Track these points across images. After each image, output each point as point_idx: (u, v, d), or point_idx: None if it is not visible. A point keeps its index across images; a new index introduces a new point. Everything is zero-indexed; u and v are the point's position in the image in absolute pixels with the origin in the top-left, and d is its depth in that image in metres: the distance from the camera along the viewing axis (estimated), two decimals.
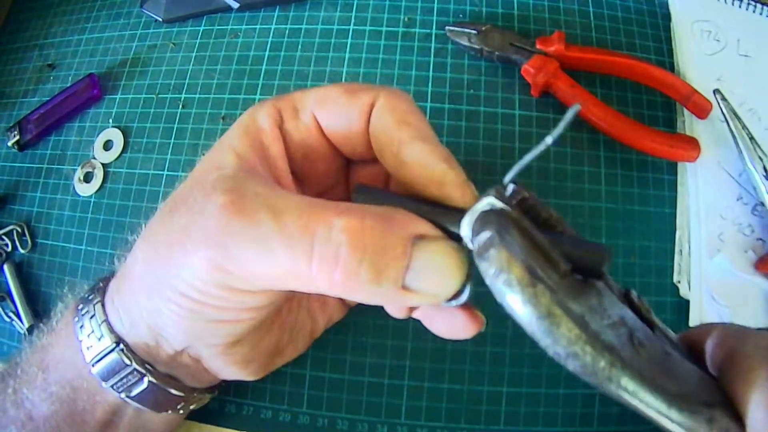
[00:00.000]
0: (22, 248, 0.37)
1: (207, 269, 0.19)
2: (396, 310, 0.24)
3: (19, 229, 0.37)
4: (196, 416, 0.31)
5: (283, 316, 0.26)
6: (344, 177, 0.25)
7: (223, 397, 0.31)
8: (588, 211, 0.32)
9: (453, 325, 0.22)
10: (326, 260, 0.17)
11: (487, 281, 0.16)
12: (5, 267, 0.36)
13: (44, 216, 0.37)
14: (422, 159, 0.20)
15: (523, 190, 0.18)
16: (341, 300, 0.28)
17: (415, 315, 0.24)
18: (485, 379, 0.30)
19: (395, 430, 0.30)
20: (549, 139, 0.17)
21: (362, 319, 0.31)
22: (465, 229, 0.18)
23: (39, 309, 0.35)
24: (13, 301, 0.35)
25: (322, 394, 0.30)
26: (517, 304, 0.16)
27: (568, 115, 0.16)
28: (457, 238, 0.18)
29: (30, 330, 0.35)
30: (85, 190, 0.36)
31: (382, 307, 0.31)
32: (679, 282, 0.31)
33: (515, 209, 0.17)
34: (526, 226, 0.17)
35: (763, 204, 0.32)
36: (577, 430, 0.29)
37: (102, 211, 0.36)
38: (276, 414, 0.30)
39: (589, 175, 0.33)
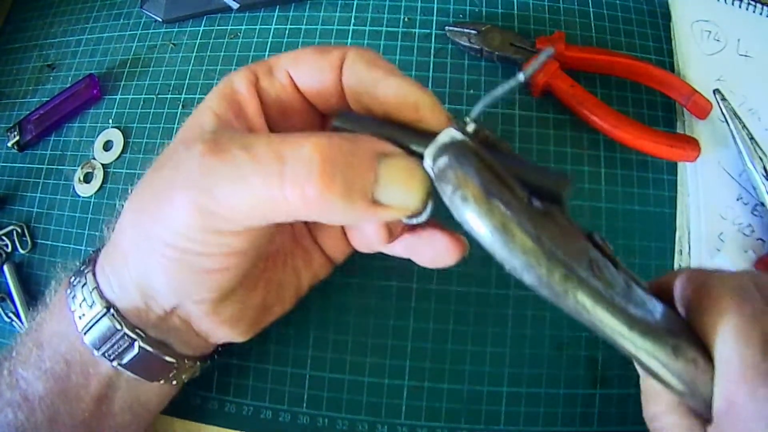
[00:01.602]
0: (22, 249, 0.37)
1: (191, 212, 0.20)
2: (376, 235, 0.24)
3: (19, 230, 0.37)
4: (197, 416, 0.31)
5: (268, 273, 0.26)
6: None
7: (223, 397, 0.31)
8: (588, 211, 0.32)
9: (436, 249, 0.24)
10: (298, 180, 0.18)
11: (446, 201, 0.17)
12: (5, 267, 0.36)
13: (44, 216, 0.37)
14: (397, 90, 0.21)
15: (484, 129, 0.19)
16: (325, 257, 0.28)
17: (397, 248, 0.25)
18: (485, 379, 0.30)
19: (395, 430, 0.30)
20: (521, 76, 0.18)
21: (362, 320, 0.31)
22: (428, 159, 0.19)
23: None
24: (13, 302, 0.35)
25: (322, 394, 0.30)
26: (473, 219, 0.16)
27: (542, 56, 0.17)
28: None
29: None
30: (85, 190, 0.36)
31: (381, 307, 0.31)
32: None
33: (474, 142, 0.18)
34: (483, 156, 0.18)
35: (763, 204, 0.32)
36: (577, 430, 0.29)
37: (102, 211, 0.36)
38: (276, 414, 0.30)
39: (589, 175, 0.33)
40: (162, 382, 0.25)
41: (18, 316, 0.35)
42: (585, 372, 0.30)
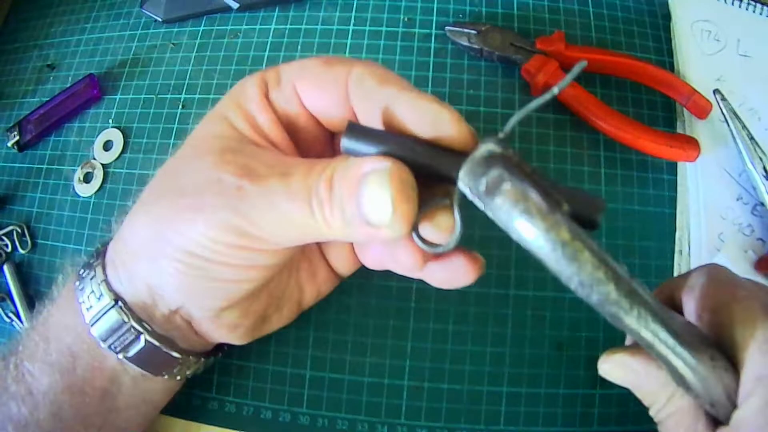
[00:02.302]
0: (22, 249, 0.37)
1: (223, 231, 0.20)
2: (409, 262, 0.23)
3: (19, 230, 0.37)
4: (197, 416, 0.31)
5: (272, 284, 0.26)
6: (329, 149, 0.26)
7: (223, 397, 0.31)
8: None
9: (453, 271, 0.23)
10: (321, 210, 0.20)
11: (501, 218, 0.17)
12: (5, 267, 0.36)
13: (44, 216, 0.37)
14: (415, 106, 0.20)
15: (510, 147, 0.19)
16: (331, 272, 0.29)
17: (420, 274, 0.25)
18: (485, 379, 0.30)
19: (395, 430, 0.30)
20: (555, 89, 0.18)
21: (362, 320, 0.31)
22: (466, 176, 0.18)
23: None
24: (13, 302, 0.35)
25: (322, 394, 0.30)
26: (537, 233, 0.16)
27: (576, 69, 0.17)
28: (449, 181, 0.19)
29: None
30: (85, 190, 0.36)
31: (381, 307, 0.31)
32: None
33: (513, 157, 0.18)
34: (526, 171, 0.18)
35: (763, 204, 0.32)
36: (577, 430, 0.29)
37: (102, 211, 0.36)
38: (276, 414, 0.30)
39: (589, 175, 0.33)
40: (166, 377, 0.26)
41: (18, 316, 0.35)
42: (585, 372, 0.30)
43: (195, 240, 0.21)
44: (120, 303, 0.23)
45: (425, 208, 0.20)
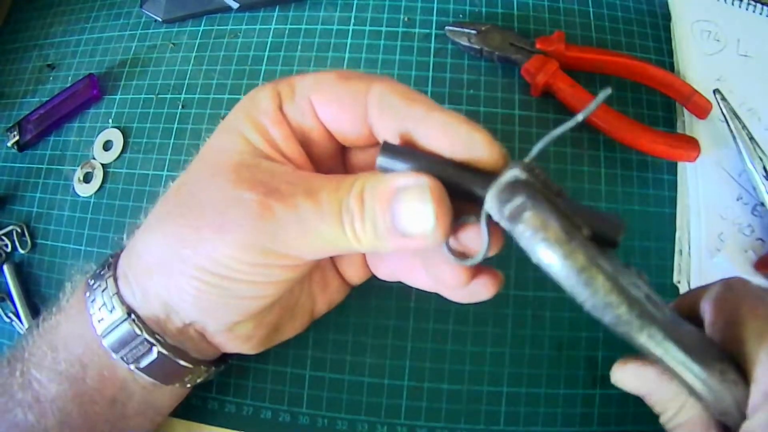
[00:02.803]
0: (22, 249, 0.37)
1: (246, 250, 0.20)
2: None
3: (19, 230, 0.37)
4: (197, 416, 0.31)
5: (286, 296, 0.26)
6: (341, 163, 0.26)
7: (223, 397, 0.31)
8: None
9: (473, 285, 0.23)
10: (352, 225, 0.20)
11: (523, 243, 0.18)
12: (5, 267, 0.36)
13: (44, 216, 0.37)
14: (446, 126, 0.20)
15: (537, 168, 0.20)
16: (342, 282, 0.29)
17: (428, 282, 0.25)
18: (485, 379, 0.30)
19: (395, 430, 0.30)
20: (580, 116, 0.19)
21: (362, 320, 0.31)
22: (492, 201, 0.19)
23: (39, 309, 0.35)
24: (12, 302, 0.35)
25: (322, 394, 0.30)
26: (555, 259, 0.17)
27: (601, 96, 0.18)
28: (475, 200, 0.20)
29: (29, 329, 0.34)
30: (85, 190, 0.36)
31: (381, 307, 0.31)
32: (679, 282, 0.31)
33: (537, 182, 0.19)
34: (550, 196, 0.18)
35: (763, 204, 0.32)
36: (577, 430, 0.29)
37: (102, 211, 0.36)
38: (276, 414, 0.30)
39: (589, 175, 0.33)
40: (177, 385, 0.26)
41: (18, 316, 0.35)
42: (585, 372, 0.30)
43: (216, 259, 0.21)
44: (133, 316, 0.23)
45: (455, 223, 0.21)
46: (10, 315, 0.35)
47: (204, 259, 0.21)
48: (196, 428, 0.31)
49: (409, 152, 0.20)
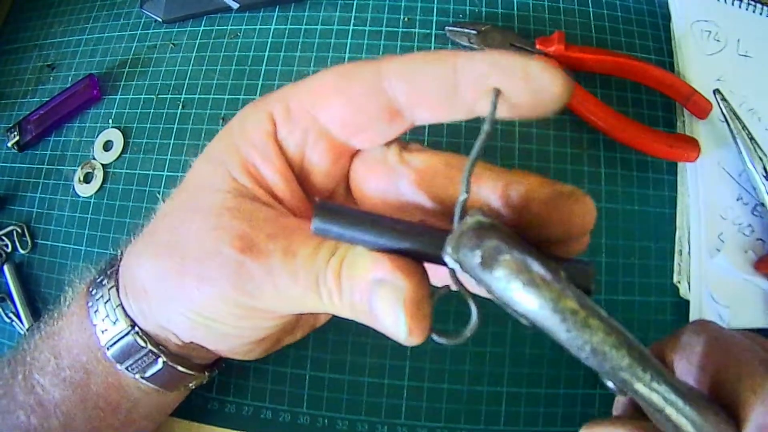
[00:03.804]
0: (22, 249, 0.37)
1: (223, 304, 0.20)
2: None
3: (19, 230, 0.37)
4: (197, 416, 0.31)
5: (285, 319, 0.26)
6: (344, 179, 0.24)
7: (223, 397, 0.31)
8: None
9: None
10: (330, 297, 0.19)
11: (500, 291, 0.16)
12: (5, 267, 0.36)
13: (44, 216, 0.37)
14: (492, 64, 0.17)
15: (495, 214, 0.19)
16: None
17: None
18: (485, 379, 0.30)
19: (395, 431, 0.30)
20: (487, 126, 0.17)
21: None
22: (455, 251, 0.17)
23: (39, 309, 0.35)
24: (13, 302, 0.35)
25: (322, 394, 0.30)
26: (543, 303, 0.15)
27: (493, 98, 0.17)
28: (436, 260, 0.18)
29: (30, 330, 0.34)
30: (85, 190, 0.36)
31: None
32: (679, 282, 0.31)
33: (502, 226, 0.17)
34: (520, 239, 0.17)
35: (763, 204, 0.32)
36: (577, 430, 0.29)
37: (102, 211, 0.36)
38: (276, 414, 0.30)
39: (589, 175, 0.33)
40: (182, 389, 0.26)
41: (18, 316, 0.35)
42: (585, 372, 0.30)
43: (200, 306, 0.21)
44: (137, 328, 0.23)
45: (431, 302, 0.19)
46: (11, 315, 0.35)
47: (189, 303, 0.21)
48: (196, 428, 0.31)
49: (350, 213, 0.18)
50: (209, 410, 0.31)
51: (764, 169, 0.31)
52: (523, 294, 0.16)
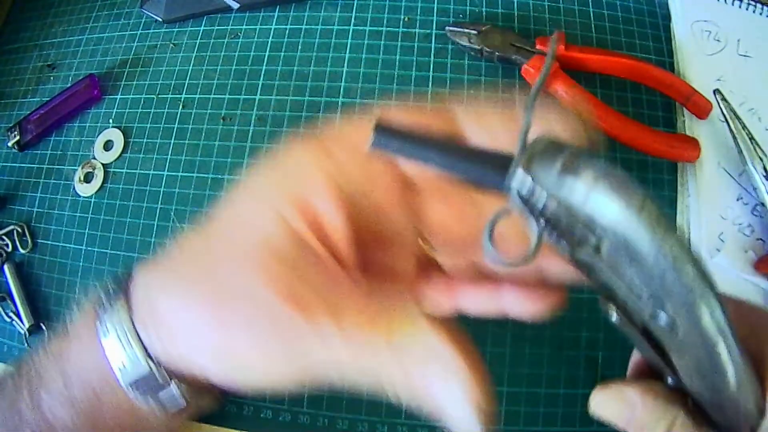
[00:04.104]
0: (23, 248, 0.37)
1: (273, 360, 0.20)
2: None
3: (20, 230, 0.37)
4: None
5: None
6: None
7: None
8: None
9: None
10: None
11: (580, 195, 0.15)
12: (5, 267, 0.36)
13: (44, 216, 0.37)
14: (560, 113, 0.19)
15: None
16: None
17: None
18: None
19: (395, 430, 0.30)
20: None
21: None
22: (525, 161, 0.16)
23: (39, 309, 0.35)
24: (13, 302, 0.35)
25: (322, 393, 0.30)
26: (629, 206, 0.15)
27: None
28: (493, 181, 0.17)
29: (30, 330, 0.35)
30: (86, 190, 0.36)
31: None
32: None
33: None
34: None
35: (763, 204, 0.32)
36: (577, 430, 0.29)
37: (102, 211, 0.36)
38: (276, 414, 0.30)
39: None
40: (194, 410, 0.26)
41: (18, 315, 0.35)
42: (585, 372, 0.30)
43: (242, 365, 0.21)
44: (150, 353, 0.22)
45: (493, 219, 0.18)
46: (11, 315, 0.35)
47: (231, 360, 0.21)
48: (197, 428, 0.31)
49: (406, 137, 0.18)
50: None
51: (764, 169, 0.31)
52: (607, 198, 0.15)
